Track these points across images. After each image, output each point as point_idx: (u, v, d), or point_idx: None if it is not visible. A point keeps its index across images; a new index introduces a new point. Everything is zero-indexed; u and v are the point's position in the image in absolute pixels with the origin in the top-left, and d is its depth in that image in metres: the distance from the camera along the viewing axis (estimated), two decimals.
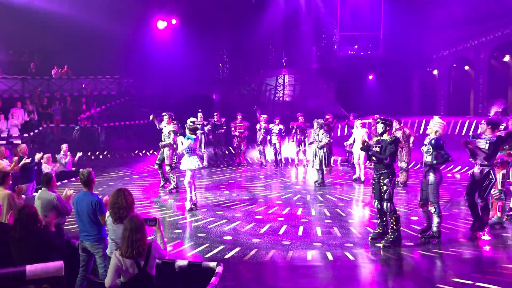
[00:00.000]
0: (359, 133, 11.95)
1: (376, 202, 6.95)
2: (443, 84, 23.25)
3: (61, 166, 11.48)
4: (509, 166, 7.74)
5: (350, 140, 12.57)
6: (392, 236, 6.71)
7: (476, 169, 7.17)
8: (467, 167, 13.28)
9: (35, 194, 5.91)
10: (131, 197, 4.52)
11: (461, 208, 9.12)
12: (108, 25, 19.62)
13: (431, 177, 6.83)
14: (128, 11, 20.91)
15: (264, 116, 14.87)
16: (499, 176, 7.49)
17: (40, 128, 17.15)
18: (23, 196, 6.98)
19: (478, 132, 7.99)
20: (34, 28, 19.72)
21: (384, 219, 6.99)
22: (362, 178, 11.87)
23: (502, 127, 7.97)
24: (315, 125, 11.54)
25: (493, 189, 7.50)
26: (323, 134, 11.25)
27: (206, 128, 14.40)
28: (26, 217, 4.29)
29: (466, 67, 22.58)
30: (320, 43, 23.91)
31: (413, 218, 8.38)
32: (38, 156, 9.54)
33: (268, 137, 14.70)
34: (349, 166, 14.10)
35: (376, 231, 7.09)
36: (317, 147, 11.33)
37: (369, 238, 7.09)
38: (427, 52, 22.93)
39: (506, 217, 7.95)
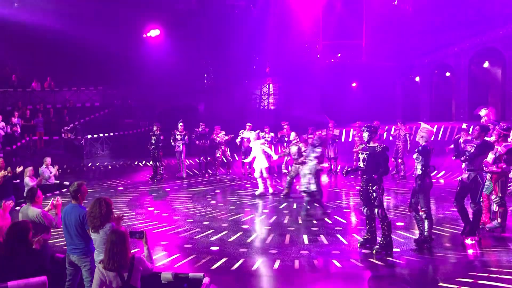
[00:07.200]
0: (255, 145, 11.48)
1: (365, 209, 6.98)
2: (425, 90, 23.59)
3: (44, 180, 11.29)
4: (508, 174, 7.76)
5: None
6: (384, 242, 6.74)
7: (464, 175, 7.26)
8: (450, 172, 13.49)
9: (18, 208, 5.78)
10: (108, 207, 4.50)
11: (446, 213, 9.21)
12: (91, 37, 19.53)
13: (421, 183, 6.89)
14: (111, 23, 20.85)
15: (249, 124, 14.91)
16: (498, 184, 7.55)
17: (23, 141, 16.92)
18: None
19: (469, 137, 8.14)
20: (15, 40, 19.52)
21: (373, 225, 7.03)
22: (271, 190, 11.45)
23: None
24: None
25: (493, 196, 7.59)
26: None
27: (186, 138, 14.27)
28: (18, 234, 4.20)
29: (447, 73, 22.95)
30: (303, 52, 24.11)
31: (398, 224, 8.43)
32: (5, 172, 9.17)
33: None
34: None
35: (365, 237, 7.12)
36: None
37: (358, 244, 7.11)
38: (409, 59, 23.28)
39: None
